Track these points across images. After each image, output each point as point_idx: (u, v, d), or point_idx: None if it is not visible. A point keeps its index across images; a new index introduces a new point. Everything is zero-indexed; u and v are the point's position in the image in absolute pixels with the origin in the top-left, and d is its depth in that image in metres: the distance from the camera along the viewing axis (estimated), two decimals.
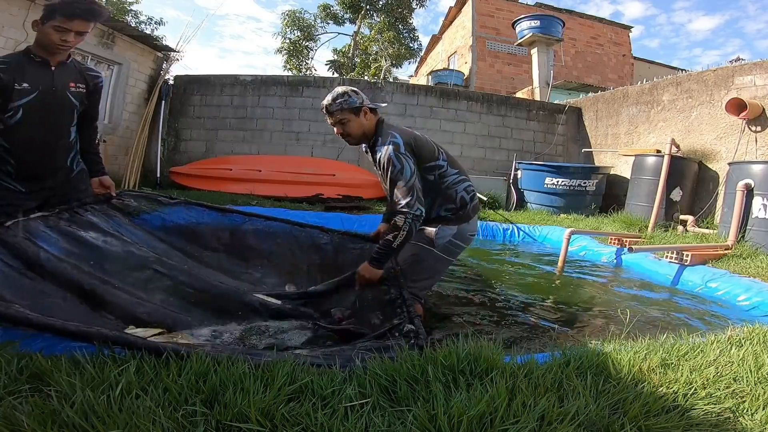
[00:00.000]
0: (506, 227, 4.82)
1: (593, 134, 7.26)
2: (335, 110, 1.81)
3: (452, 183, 1.90)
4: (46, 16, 1.60)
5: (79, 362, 0.98)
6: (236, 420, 0.85)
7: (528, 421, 0.89)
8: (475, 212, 1.99)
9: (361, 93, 1.85)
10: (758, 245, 3.55)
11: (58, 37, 1.61)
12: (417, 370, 1.05)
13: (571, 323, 2.33)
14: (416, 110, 7.07)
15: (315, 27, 18.11)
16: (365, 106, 1.84)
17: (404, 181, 1.72)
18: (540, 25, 9.28)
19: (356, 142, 1.90)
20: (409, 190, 1.71)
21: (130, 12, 14.77)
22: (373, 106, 1.87)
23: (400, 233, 1.69)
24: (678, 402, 1.06)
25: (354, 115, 1.82)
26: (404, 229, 1.69)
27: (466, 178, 1.97)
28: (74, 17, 1.59)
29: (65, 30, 1.61)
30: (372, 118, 1.87)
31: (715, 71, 5.20)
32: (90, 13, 1.63)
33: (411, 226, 1.70)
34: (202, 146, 6.81)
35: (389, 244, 1.71)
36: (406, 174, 1.73)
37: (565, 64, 12.76)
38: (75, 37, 1.65)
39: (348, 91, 1.82)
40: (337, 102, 1.80)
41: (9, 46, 4.49)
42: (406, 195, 1.71)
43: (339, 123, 1.83)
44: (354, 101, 1.81)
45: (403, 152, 1.75)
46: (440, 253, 1.91)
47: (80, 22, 1.62)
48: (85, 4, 1.61)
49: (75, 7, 1.59)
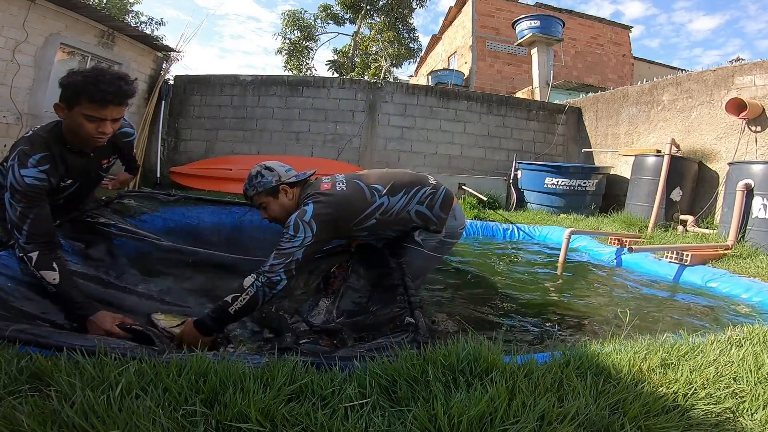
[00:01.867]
0: (506, 227, 4.82)
1: (593, 134, 7.27)
2: (252, 195, 1.65)
3: (401, 209, 1.71)
4: (70, 100, 1.33)
5: (79, 362, 0.98)
6: (236, 420, 0.85)
7: (528, 421, 0.89)
8: (446, 210, 1.82)
9: (277, 168, 1.65)
10: (758, 245, 3.55)
11: (94, 128, 1.36)
12: (417, 370, 1.05)
13: (571, 323, 2.33)
14: (416, 110, 7.07)
15: (315, 27, 18.13)
16: (283, 183, 1.64)
17: (284, 250, 1.47)
18: (540, 25, 9.29)
19: (284, 223, 1.63)
20: (282, 255, 1.46)
21: (130, 12, 14.78)
22: (293, 179, 1.66)
23: (242, 296, 1.40)
24: (678, 402, 1.06)
25: (271, 197, 1.63)
26: (249, 293, 1.41)
27: (418, 190, 1.75)
28: (107, 104, 1.33)
29: (100, 119, 1.35)
30: (294, 192, 1.67)
31: (715, 71, 5.20)
32: (123, 96, 1.36)
33: (258, 292, 1.41)
34: (202, 146, 6.81)
35: (225, 307, 1.41)
36: (293, 244, 1.47)
37: (565, 64, 12.76)
38: (113, 124, 1.40)
39: (261, 171, 1.64)
40: (252, 186, 1.63)
41: (9, 46, 4.50)
42: (276, 257, 1.46)
43: (260, 208, 1.67)
44: (269, 181, 1.62)
45: (306, 220, 1.50)
46: (430, 252, 1.87)
47: (114, 109, 1.36)
48: (114, 85, 1.33)
49: (105, 93, 1.31)
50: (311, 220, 1.50)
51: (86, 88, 1.30)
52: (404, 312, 1.40)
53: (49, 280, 1.32)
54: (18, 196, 1.31)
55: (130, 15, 14.58)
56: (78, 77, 1.31)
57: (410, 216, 1.75)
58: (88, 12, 5.23)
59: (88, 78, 1.30)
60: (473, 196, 6.00)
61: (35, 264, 1.31)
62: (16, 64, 4.58)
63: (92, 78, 1.30)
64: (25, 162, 1.33)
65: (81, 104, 1.31)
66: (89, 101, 1.31)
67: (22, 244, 1.32)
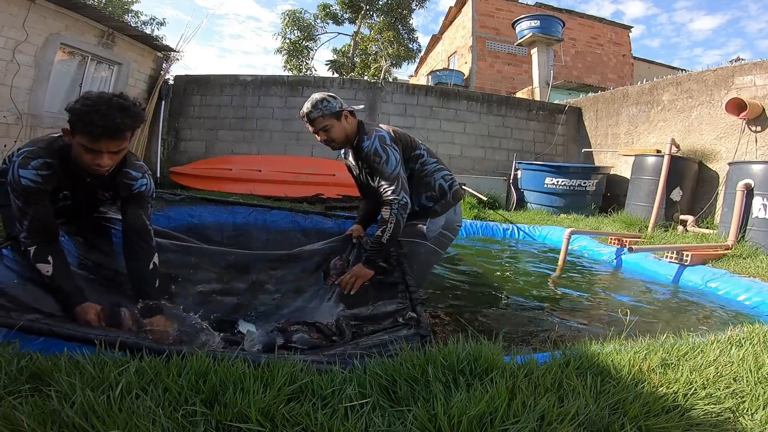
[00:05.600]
0: (506, 227, 4.82)
1: (593, 134, 7.26)
2: (316, 117, 1.77)
3: (431, 171, 1.94)
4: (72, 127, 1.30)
5: (79, 362, 0.98)
6: (236, 420, 0.85)
7: (528, 421, 0.89)
8: (457, 200, 2.02)
9: (338, 97, 1.83)
10: (758, 245, 3.55)
11: (90, 159, 1.31)
12: (417, 370, 1.05)
13: (570, 323, 2.33)
14: (416, 110, 7.07)
15: (315, 27, 18.10)
16: (345, 109, 1.82)
17: (389, 171, 1.72)
18: (540, 25, 9.29)
19: (340, 147, 1.90)
20: (394, 180, 1.71)
21: (130, 12, 14.77)
22: (351, 108, 1.86)
23: (387, 225, 1.67)
24: (678, 402, 1.06)
25: (336, 120, 1.79)
26: (391, 221, 1.67)
27: (444, 168, 2.00)
28: (99, 138, 1.27)
29: (95, 151, 1.30)
30: (352, 120, 1.85)
31: (715, 71, 5.20)
32: (116, 131, 1.27)
33: (398, 217, 1.68)
34: (202, 146, 6.81)
35: (378, 239, 1.68)
36: (392, 164, 1.73)
37: (565, 64, 12.76)
38: (110, 157, 1.33)
39: (326, 97, 1.79)
40: (318, 109, 1.77)
41: (9, 46, 4.50)
42: (391, 184, 1.70)
43: (322, 130, 1.80)
44: (334, 106, 1.78)
45: (389, 143, 1.76)
46: (433, 246, 1.96)
47: (108, 142, 1.29)
48: (108, 118, 1.25)
49: (95, 125, 1.24)
50: (392, 143, 1.76)
51: (81, 118, 1.25)
52: (405, 307, 1.40)
53: (44, 272, 1.37)
54: (17, 193, 1.36)
55: (129, 15, 14.57)
56: (78, 104, 1.27)
57: (434, 184, 1.94)
58: (88, 12, 5.23)
59: (85, 107, 1.25)
60: (473, 196, 5.99)
61: (32, 257, 1.37)
62: (16, 64, 4.58)
63: (89, 108, 1.25)
64: (26, 164, 1.35)
65: (78, 134, 1.29)
66: (82, 132, 1.27)
67: (23, 238, 1.38)
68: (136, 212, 1.53)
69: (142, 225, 1.53)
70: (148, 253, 1.52)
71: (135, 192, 1.52)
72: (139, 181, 1.53)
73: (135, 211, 1.53)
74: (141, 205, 1.54)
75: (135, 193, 1.53)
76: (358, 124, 1.86)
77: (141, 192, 1.53)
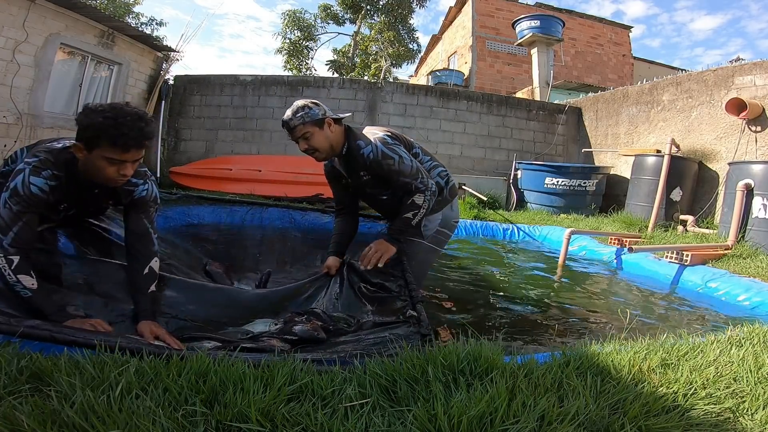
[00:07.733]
0: (506, 227, 4.82)
1: (593, 134, 7.26)
2: (296, 125, 1.72)
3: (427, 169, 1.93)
4: (89, 143, 1.30)
5: (79, 362, 0.98)
6: (236, 420, 0.85)
7: (528, 421, 0.89)
8: (453, 196, 2.04)
9: (323, 104, 1.79)
10: (758, 245, 3.55)
11: (115, 171, 1.33)
12: (417, 370, 1.05)
13: (571, 323, 2.33)
14: (416, 110, 7.07)
15: (315, 27, 18.10)
16: (328, 117, 1.76)
17: (408, 168, 1.74)
18: (540, 25, 9.29)
19: (325, 157, 1.83)
20: (416, 173, 1.75)
21: (131, 13, 14.76)
22: (336, 116, 1.80)
23: (420, 210, 1.75)
24: (678, 402, 1.06)
25: (317, 128, 1.74)
26: (424, 206, 1.75)
27: (439, 164, 2.01)
28: (130, 149, 1.31)
29: (121, 162, 1.33)
30: (337, 129, 1.80)
31: (715, 71, 5.20)
32: (144, 138, 1.33)
33: (430, 203, 1.77)
34: (202, 146, 6.81)
35: (408, 221, 1.75)
36: (406, 160, 1.75)
37: (565, 64, 12.76)
38: (133, 167, 1.39)
39: (308, 104, 1.75)
40: (298, 116, 1.72)
41: (9, 46, 4.50)
42: (415, 177, 1.75)
43: (302, 138, 1.75)
44: (316, 113, 1.73)
45: (391, 143, 1.77)
46: (430, 244, 1.95)
47: (136, 152, 1.35)
48: (136, 129, 1.29)
49: (127, 137, 1.28)
50: (393, 142, 1.79)
51: (107, 131, 1.26)
52: (406, 305, 1.40)
53: (27, 285, 1.31)
54: (16, 199, 1.32)
55: (130, 16, 14.55)
56: (98, 118, 1.27)
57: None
58: (88, 12, 5.23)
59: (107, 119, 1.26)
60: (473, 196, 6.00)
61: (15, 267, 1.30)
62: (16, 64, 4.58)
63: (112, 119, 1.26)
64: (38, 172, 1.34)
65: (101, 147, 1.29)
66: (110, 145, 1.28)
67: (6, 245, 1.30)
68: (137, 217, 1.55)
69: (142, 229, 1.54)
70: (145, 258, 1.52)
71: (136, 198, 1.54)
72: (140, 187, 1.53)
73: (136, 216, 1.55)
74: (142, 210, 1.55)
75: (136, 198, 1.54)
76: (345, 130, 1.83)
77: (142, 197, 1.54)
